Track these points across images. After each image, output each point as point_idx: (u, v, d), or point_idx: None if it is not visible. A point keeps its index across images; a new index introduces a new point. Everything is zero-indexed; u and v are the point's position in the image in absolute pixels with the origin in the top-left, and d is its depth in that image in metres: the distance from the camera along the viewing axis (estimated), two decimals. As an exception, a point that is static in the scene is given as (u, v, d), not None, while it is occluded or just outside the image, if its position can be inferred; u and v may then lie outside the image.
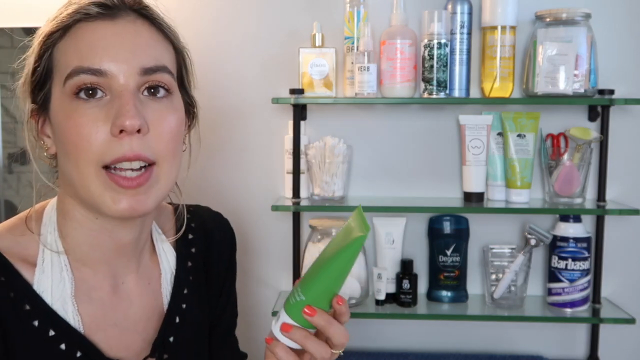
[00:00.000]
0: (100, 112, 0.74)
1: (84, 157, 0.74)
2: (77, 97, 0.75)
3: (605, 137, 1.56)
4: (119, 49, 0.76)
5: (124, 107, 0.73)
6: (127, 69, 0.75)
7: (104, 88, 0.75)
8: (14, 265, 0.79)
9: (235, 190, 1.67)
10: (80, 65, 0.75)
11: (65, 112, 0.76)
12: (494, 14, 1.53)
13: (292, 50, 1.61)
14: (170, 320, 0.90)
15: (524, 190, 1.59)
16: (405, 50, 1.53)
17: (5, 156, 1.69)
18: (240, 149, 1.68)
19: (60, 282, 0.81)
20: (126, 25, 0.78)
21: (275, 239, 1.68)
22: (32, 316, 0.78)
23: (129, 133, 0.74)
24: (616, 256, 1.65)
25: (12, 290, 0.78)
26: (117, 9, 0.78)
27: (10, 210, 1.68)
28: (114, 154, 0.74)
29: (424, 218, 1.67)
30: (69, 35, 0.78)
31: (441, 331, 1.70)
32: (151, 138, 0.76)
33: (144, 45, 0.78)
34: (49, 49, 0.78)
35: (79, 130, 0.74)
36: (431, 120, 1.66)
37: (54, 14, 0.80)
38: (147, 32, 0.79)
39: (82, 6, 0.77)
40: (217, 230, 1.02)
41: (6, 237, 0.82)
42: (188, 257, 0.96)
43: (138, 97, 0.76)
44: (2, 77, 1.68)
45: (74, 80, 0.75)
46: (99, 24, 0.77)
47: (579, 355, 1.69)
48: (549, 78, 1.50)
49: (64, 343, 0.79)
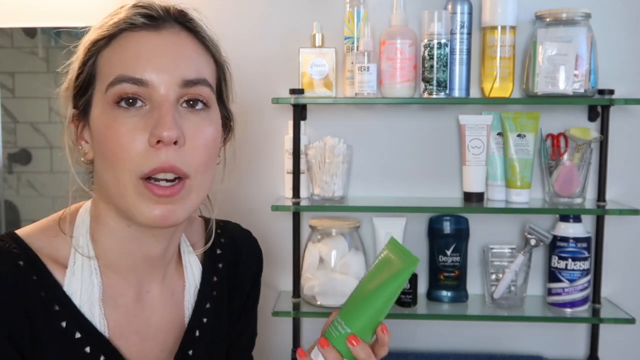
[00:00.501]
0: (140, 122, 0.75)
1: (122, 166, 0.75)
2: (117, 106, 0.76)
3: (605, 137, 1.56)
4: (161, 60, 0.77)
5: (163, 118, 0.74)
6: (169, 80, 0.76)
7: (144, 98, 0.76)
8: (46, 265, 0.80)
9: (235, 190, 1.67)
10: (123, 74, 0.76)
11: (106, 119, 0.77)
12: (494, 14, 1.53)
13: (292, 50, 1.61)
14: (191, 333, 0.91)
15: (524, 190, 1.59)
16: (405, 50, 1.53)
17: (5, 156, 1.69)
18: (240, 148, 1.67)
19: (89, 286, 0.82)
20: (170, 37, 0.79)
21: (275, 239, 1.68)
22: (61, 317, 0.79)
23: (165, 144, 0.74)
24: (616, 256, 1.65)
25: (43, 289, 0.79)
26: (162, 20, 0.79)
27: (10, 210, 1.68)
28: (150, 164, 0.75)
29: (424, 218, 1.67)
30: (114, 44, 0.78)
31: (441, 331, 1.70)
32: (187, 150, 0.77)
33: (186, 57, 0.79)
34: (93, 56, 0.79)
35: (118, 139, 0.75)
36: (431, 120, 1.66)
37: (100, 22, 0.81)
38: (190, 44, 0.81)
39: (128, 16, 0.78)
40: (246, 248, 1.03)
41: (40, 237, 0.83)
42: (214, 272, 0.96)
43: (177, 108, 0.77)
44: (2, 77, 1.68)
45: (115, 89, 0.76)
46: (144, 34, 0.78)
47: (579, 355, 1.69)
48: (549, 78, 1.50)
49: (89, 346, 0.80)
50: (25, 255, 0.79)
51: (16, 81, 1.69)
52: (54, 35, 1.65)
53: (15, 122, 1.69)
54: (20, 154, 1.69)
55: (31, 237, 0.82)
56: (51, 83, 0.88)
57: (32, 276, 0.78)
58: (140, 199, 0.76)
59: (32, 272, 0.78)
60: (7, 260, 0.77)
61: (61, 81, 0.84)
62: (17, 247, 0.79)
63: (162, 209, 0.76)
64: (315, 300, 1.58)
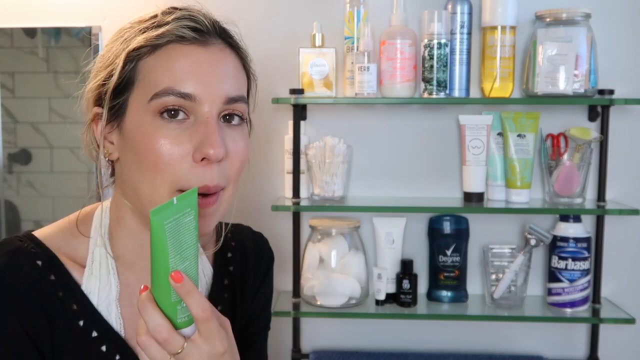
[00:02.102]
0: (183, 135, 0.76)
1: (161, 177, 0.75)
2: (160, 116, 0.76)
3: (605, 137, 1.56)
4: (210, 77, 0.78)
5: (211, 136, 0.75)
6: (215, 97, 0.77)
7: (188, 111, 0.77)
8: (64, 265, 0.81)
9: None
10: (171, 87, 0.76)
11: (146, 128, 0.76)
12: (494, 14, 1.53)
13: (292, 50, 1.61)
14: None
15: (524, 190, 1.59)
16: (405, 50, 1.53)
17: (5, 156, 1.69)
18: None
19: (107, 285, 0.83)
20: (217, 54, 0.80)
21: (275, 239, 1.67)
22: (79, 316, 0.80)
23: (211, 161, 0.75)
24: (616, 256, 1.65)
25: (61, 289, 0.80)
26: (209, 35, 0.80)
27: (10, 210, 1.68)
28: (195, 181, 0.75)
29: (424, 218, 1.67)
30: (159, 54, 0.78)
31: (441, 331, 1.70)
32: (226, 165, 0.78)
33: (231, 75, 0.81)
34: (133, 61, 0.79)
35: (160, 150, 0.75)
36: (431, 120, 1.66)
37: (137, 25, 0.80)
38: (233, 61, 0.82)
39: (177, 27, 0.78)
40: (256, 250, 1.03)
41: (58, 237, 0.84)
42: (225, 275, 0.97)
43: (219, 125, 0.78)
44: (2, 77, 1.68)
45: (162, 100, 0.76)
46: (193, 48, 0.78)
47: (579, 355, 1.69)
48: (549, 78, 1.50)
49: (105, 345, 0.81)
50: (44, 255, 0.80)
51: (16, 81, 1.69)
52: (54, 34, 1.65)
53: (15, 122, 1.69)
54: (20, 154, 1.69)
55: (49, 237, 0.83)
56: (51, 83, 0.87)
57: (51, 276, 0.79)
58: None
59: (50, 272, 0.79)
60: (26, 260, 0.79)
61: (86, 79, 0.83)
62: (35, 247, 0.81)
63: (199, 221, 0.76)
64: (315, 300, 1.58)
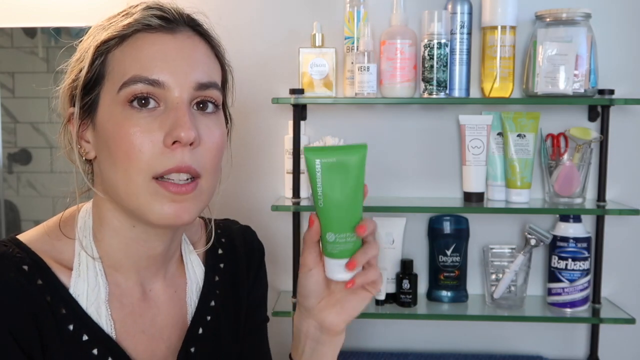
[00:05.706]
0: (154, 122, 0.76)
1: (135, 166, 0.75)
2: (130, 106, 0.76)
3: (605, 137, 1.56)
4: (178, 63, 0.77)
5: (181, 119, 0.75)
6: (184, 83, 0.77)
7: (158, 99, 0.76)
8: (51, 268, 0.80)
9: (235, 190, 1.67)
10: (139, 74, 0.76)
11: (116, 119, 0.76)
12: (494, 14, 1.53)
13: (292, 50, 1.61)
14: (194, 330, 0.91)
15: (524, 190, 1.59)
16: (405, 50, 1.53)
17: (5, 156, 1.69)
18: (240, 148, 1.67)
19: (95, 287, 0.81)
20: (185, 40, 0.80)
21: (275, 239, 1.68)
22: (68, 320, 0.79)
23: (182, 145, 0.75)
24: (616, 256, 1.65)
25: (49, 294, 0.78)
26: (176, 23, 0.80)
27: (10, 210, 1.68)
28: (165, 164, 0.75)
29: (424, 218, 1.67)
30: (127, 44, 0.78)
31: (441, 331, 1.70)
32: (200, 152, 0.77)
33: (200, 61, 0.80)
34: (102, 56, 0.79)
35: (131, 139, 0.75)
36: (431, 120, 1.66)
37: (106, 21, 0.81)
38: (203, 48, 0.82)
39: (143, 17, 0.78)
40: (245, 244, 1.02)
41: (43, 240, 0.82)
42: (216, 271, 0.96)
43: (191, 110, 0.78)
44: (2, 77, 1.68)
45: (130, 89, 0.76)
46: (160, 36, 0.78)
47: (579, 355, 1.69)
48: (549, 78, 1.50)
49: (96, 348, 0.80)
50: (29, 259, 0.78)
51: (16, 81, 1.69)
52: (54, 34, 1.65)
53: (15, 122, 1.69)
54: (20, 154, 1.69)
55: (34, 241, 0.81)
56: (51, 83, 0.87)
57: (38, 280, 0.78)
58: (153, 197, 0.76)
59: (37, 276, 0.78)
60: (12, 265, 0.77)
61: (60, 80, 0.83)
62: (20, 251, 0.79)
63: (176, 207, 0.76)
64: (315, 300, 1.58)
